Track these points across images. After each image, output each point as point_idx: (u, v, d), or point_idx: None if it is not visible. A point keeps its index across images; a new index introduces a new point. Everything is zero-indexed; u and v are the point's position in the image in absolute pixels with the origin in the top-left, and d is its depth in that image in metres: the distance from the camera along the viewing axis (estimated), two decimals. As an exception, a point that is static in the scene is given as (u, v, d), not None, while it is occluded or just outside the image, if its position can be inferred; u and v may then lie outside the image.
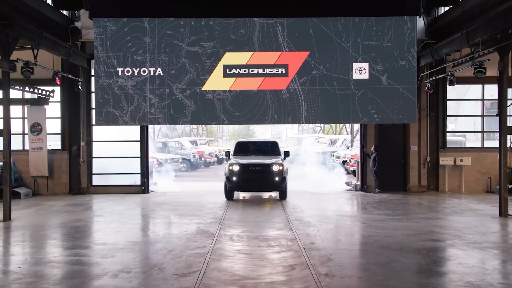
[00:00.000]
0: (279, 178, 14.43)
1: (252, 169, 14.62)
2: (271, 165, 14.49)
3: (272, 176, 14.39)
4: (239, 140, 18.88)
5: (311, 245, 8.87)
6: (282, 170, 14.48)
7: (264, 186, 14.93)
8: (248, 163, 14.79)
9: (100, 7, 13.92)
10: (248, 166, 14.63)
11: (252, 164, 14.79)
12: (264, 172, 14.52)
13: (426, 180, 17.29)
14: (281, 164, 14.64)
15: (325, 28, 14.25)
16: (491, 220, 11.57)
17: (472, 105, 18.69)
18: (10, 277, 7.09)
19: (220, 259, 8.02)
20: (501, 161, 12.17)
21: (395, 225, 10.85)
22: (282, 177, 14.49)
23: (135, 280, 6.86)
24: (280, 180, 14.47)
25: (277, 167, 14.46)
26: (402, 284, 6.60)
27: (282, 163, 14.80)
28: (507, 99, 12.15)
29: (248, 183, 14.72)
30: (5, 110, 11.82)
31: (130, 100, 14.29)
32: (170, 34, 14.26)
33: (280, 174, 14.44)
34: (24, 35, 12.10)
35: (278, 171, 14.44)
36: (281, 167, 14.50)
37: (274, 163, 14.59)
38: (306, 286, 6.50)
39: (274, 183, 14.48)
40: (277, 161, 14.85)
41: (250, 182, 14.71)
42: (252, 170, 14.62)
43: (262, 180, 14.57)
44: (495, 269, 7.51)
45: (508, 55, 11.95)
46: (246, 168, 14.56)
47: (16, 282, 6.78)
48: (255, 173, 14.62)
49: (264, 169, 14.55)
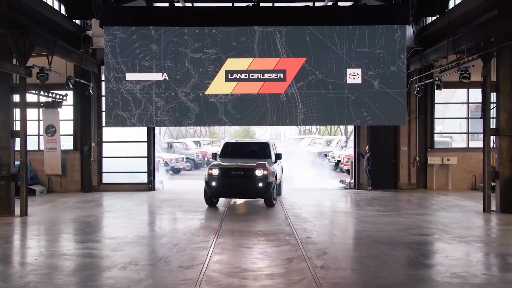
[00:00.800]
0: (263, 184, 12.24)
1: (232, 173, 12.55)
2: (253, 169, 12.32)
3: (255, 182, 12.22)
4: (227, 141, 16.30)
5: (308, 240, 8.88)
6: (266, 175, 12.28)
7: (245, 192, 12.70)
8: (229, 167, 12.77)
9: (110, 16, 13.93)
10: (228, 170, 12.59)
11: (233, 168, 12.76)
12: (246, 176, 12.38)
13: (415, 178, 17.30)
14: (266, 168, 12.39)
15: (320, 36, 14.25)
16: (476, 216, 11.59)
17: (458, 108, 18.70)
18: (27, 269, 7.14)
19: (222, 253, 8.03)
20: (485, 161, 12.19)
21: (387, 221, 10.85)
22: (267, 183, 12.29)
23: (142, 272, 6.88)
24: (264, 186, 12.27)
25: (261, 171, 12.28)
26: (393, 275, 6.62)
27: (267, 167, 12.55)
28: (490, 103, 12.17)
29: (228, 189, 12.51)
30: (21, 113, 11.84)
31: (137, 103, 14.29)
32: (175, 41, 14.26)
33: (264, 179, 12.24)
34: (40, 42, 12.11)
35: (262, 176, 12.25)
36: (265, 172, 12.29)
37: (258, 166, 12.42)
38: (303, 277, 6.50)
39: (258, 189, 12.30)
40: (263, 164, 12.65)
41: (231, 188, 12.50)
42: (233, 174, 12.55)
43: (244, 186, 12.40)
44: (479, 261, 7.54)
45: (491, 62, 11.99)
46: (226, 172, 12.49)
47: (32, 273, 6.82)
48: (236, 178, 12.50)
49: (246, 174, 12.42)
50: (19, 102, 11.87)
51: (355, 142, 17.82)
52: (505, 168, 11.94)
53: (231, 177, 12.43)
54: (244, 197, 13.35)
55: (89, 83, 15.77)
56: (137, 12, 14.95)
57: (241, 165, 12.80)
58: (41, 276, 6.67)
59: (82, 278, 6.64)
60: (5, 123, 11.68)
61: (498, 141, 12.08)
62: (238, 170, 12.60)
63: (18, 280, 6.54)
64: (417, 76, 16.19)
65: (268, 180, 12.32)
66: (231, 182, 12.38)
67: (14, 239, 9.41)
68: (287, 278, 6.52)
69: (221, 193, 12.67)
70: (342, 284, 6.25)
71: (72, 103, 16.75)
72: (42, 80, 12.36)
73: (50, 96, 15.26)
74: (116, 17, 14.20)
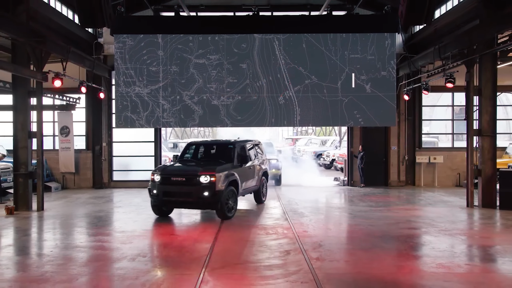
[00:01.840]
0: (209, 193, 9.66)
1: (174, 180, 10.07)
2: (197, 176, 9.79)
3: (199, 190, 9.70)
4: (190, 141, 13.22)
5: (304, 233, 8.88)
6: (214, 182, 9.71)
7: (188, 202, 10.13)
8: (171, 172, 10.34)
9: (120, 25, 13.93)
10: (170, 176, 10.13)
11: (175, 174, 10.27)
12: (189, 184, 9.90)
13: (404, 176, 17.31)
14: (214, 175, 9.76)
15: (316, 43, 14.26)
16: (460, 210, 11.60)
17: (444, 111, 18.72)
18: (43, 259, 7.17)
19: (224, 245, 8.01)
20: (468, 159, 12.22)
21: (378, 215, 10.86)
22: (214, 192, 9.70)
23: (150, 263, 6.93)
24: (210, 196, 9.69)
25: (207, 178, 9.70)
26: (384, 266, 6.63)
27: (216, 173, 9.84)
28: (473, 106, 12.19)
29: (168, 198, 10.11)
30: (38, 115, 11.84)
31: (145, 106, 14.30)
32: (181, 48, 14.27)
33: (210, 187, 9.67)
34: (55, 49, 12.10)
35: (208, 183, 9.68)
36: (212, 179, 9.70)
37: (204, 172, 9.81)
38: (299, 268, 6.50)
39: (203, 199, 9.73)
40: (211, 169, 9.91)
41: (171, 197, 10.07)
42: (175, 181, 10.07)
43: (186, 195, 9.93)
44: (462, 252, 7.57)
45: (474, 68, 11.99)
46: (167, 178, 10.09)
47: (48, 263, 6.84)
48: (178, 185, 10.02)
49: (189, 181, 9.92)
50: (36, 105, 11.87)
51: (349, 142, 17.83)
52: (487, 166, 11.96)
53: (172, 185, 9.99)
54: (188, 207, 10.62)
55: (100, 87, 15.78)
56: (145, 21, 14.97)
57: (184, 170, 10.42)
58: (57, 266, 6.70)
59: (94, 268, 6.67)
60: (23, 124, 11.69)
61: (480, 141, 12.09)
62: (180, 176, 10.07)
63: (36, 270, 6.59)
64: (406, 80, 16.22)
65: (217, 188, 9.71)
66: (172, 191, 9.97)
67: (32, 232, 9.46)
68: (285, 269, 6.51)
69: (161, 202, 10.29)
70: (336, 274, 6.25)
71: (85, 106, 16.75)
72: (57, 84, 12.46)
73: (64, 99, 15.34)
74: (125, 26, 14.21)
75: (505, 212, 11.09)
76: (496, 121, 12.18)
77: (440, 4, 14.17)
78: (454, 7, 13.75)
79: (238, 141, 12.23)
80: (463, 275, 6.20)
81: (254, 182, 12.06)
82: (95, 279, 6.23)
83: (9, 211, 10.93)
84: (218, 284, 5.91)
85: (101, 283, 6.09)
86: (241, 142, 12.09)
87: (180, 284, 5.87)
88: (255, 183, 12.09)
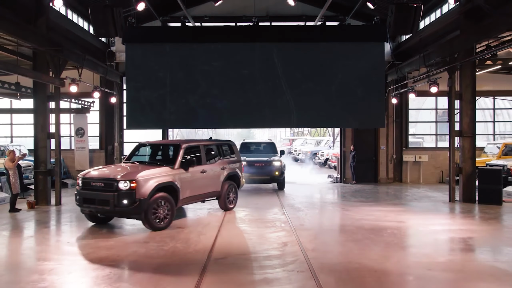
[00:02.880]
0: (128, 201, 8.06)
1: (93, 186, 8.51)
2: (117, 181, 8.12)
3: (117, 198, 8.06)
4: (140, 142, 11.02)
5: (301, 226, 8.91)
6: (133, 188, 8.07)
7: (105, 210, 8.43)
8: (91, 176, 8.66)
9: (131, 35, 13.98)
10: (89, 181, 8.58)
11: (95, 178, 8.59)
12: (106, 190, 8.29)
13: (392, 173, 17.41)
14: (133, 181, 8.09)
15: (312, 50, 14.31)
16: (443, 205, 11.70)
17: (428, 113, 18.82)
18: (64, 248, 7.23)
19: (227, 237, 8.02)
20: (451, 158, 12.33)
21: (368, 209, 10.90)
22: (134, 200, 8.07)
23: (161, 252, 6.96)
24: (129, 204, 8.07)
25: (126, 184, 8.05)
26: (373, 256, 6.67)
27: (137, 178, 8.14)
28: (455, 109, 12.28)
29: (88, 205, 8.50)
30: (56, 117, 11.94)
31: (154, 108, 14.30)
32: (186, 55, 14.28)
33: (130, 195, 8.04)
34: (72, 58, 12.19)
35: (128, 190, 8.05)
36: (133, 185, 8.07)
37: (122, 177, 8.15)
38: (296, 259, 6.54)
39: (121, 208, 8.11)
40: (131, 173, 8.30)
41: (91, 204, 8.46)
42: (94, 187, 8.50)
43: (103, 203, 8.28)
44: (444, 243, 7.63)
45: (455, 74, 12.09)
46: (87, 183, 8.59)
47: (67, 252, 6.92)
48: (96, 192, 8.44)
49: (107, 187, 8.31)
50: (54, 108, 11.96)
51: (341, 142, 17.92)
52: (467, 164, 12.06)
53: (92, 190, 8.46)
54: (107, 214, 8.76)
55: (112, 91, 15.87)
56: (153, 31, 15.02)
57: (105, 174, 8.62)
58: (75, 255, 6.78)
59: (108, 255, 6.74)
60: (43, 126, 11.79)
61: (461, 142, 12.19)
62: (99, 181, 8.45)
63: (56, 258, 6.64)
64: (394, 85, 16.32)
65: (138, 196, 8.07)
66: (90, 197, 8.43)
67: (51, 225, 9.55)
68: (282, 259, 6.54)
69: (82, 209, 8.79)
70: (330, 264, 6.29)
71: (98, 109, 16.85)
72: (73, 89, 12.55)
73: (79, 103, 15.38)
74: (136, 35, 14.26)
75: (483, 206, 11.21)
76: (475, 123, 12.30)
77: (424, 15, 14.27)
78: (438, 18, 13.87)
79: (185, 141, 10.23)
80: (445, 264, 6.27)
81: (212, 188, 10.09)
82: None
83: (30, 205, 11.06)
84: (221, 273, 5.97)
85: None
86: (188, 143, 10.07)
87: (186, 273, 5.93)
88: (212, 188, 10.10)
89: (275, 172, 14.06)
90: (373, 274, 5.77)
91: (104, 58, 15.67)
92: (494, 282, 5.53)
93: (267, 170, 14.21)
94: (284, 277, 5.72)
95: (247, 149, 16.09)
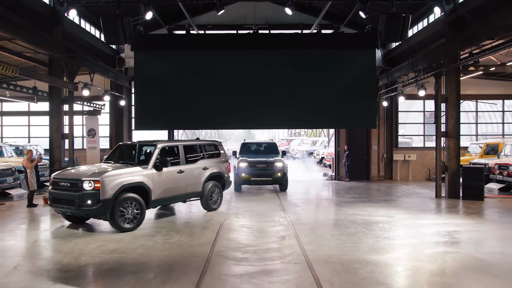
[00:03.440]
0: (92, 202, 7.57)
1: (61, 185, 8.06)
2: (81, 181, 7.64)
3: (81, 198, 7.56)
4: (120, 143, 10.69)
5: (298, 221, 8.92)
6: (98, 189, 7.57)
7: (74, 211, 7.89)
8: (61, 176, 8.26)
9: (139, 42, 14.01)
10: (58, 181, 8.14)
11: (63, 178, 8.14)
12: (73, 190, 7.81)
13: (383, 171, 17.46)
14: (97, 181, 7.57)
15: (310, 57, 14.33)
16: (430, 200, 11.74)
17: (416, 115, 18.82)
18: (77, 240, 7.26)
19: (228, 231, 8.03)
20: (437, 157, 12.37)
21: (361, 205, 10.91)
22: (98, 200, 7.57)
23: (167, 245, 7.00)
24: (93, 204, 7.58)
25: (91, 184, 7.59)
26: (365, 248, 6.70)
27: (99, 179, 7.60)
28: (441, 111, 12.33)
29: (57, 205, 8.08)
30: (69, 119, 12.01)
31: (160, 111, 14.36)
32: (191, 61, 14.34)
33: (94, 195, 7.57)
34: (84, 64, 12.24)
35: (92, 190, 7.58)
36: (97, 185, 7.56)
37: (88, 178, 7.68)
38: (293, 251, 6.56)
39: (85, 208, 7.63)
40: (96, 174, 7.78)
41: (59, 204, 8.03)
42: (62, 186, 8.05)
43: (70, 203, 7.80)
44: (431, 235, 7.62)
45: (441, 79, 12.15)
46: (56, 183, 8.16)
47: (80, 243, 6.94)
48: (64, 191, 7.96)
49: (73, 187, 7.82)
50: (67, 110, 12.02)
51: (336, 142, 17.97)
52: (452, 163, 12.12)
53: (60, 190, 8.04)
54: (74, 214, 8.15)
55: (122, 95, 15.90)
56: (160, 38, 15.03)
57: (72, 174, 8.17)
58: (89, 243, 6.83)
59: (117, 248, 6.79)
60: (58, 127, 11.85)
61: (447, 142, 12.23)
62: (66, 181, 7.99)
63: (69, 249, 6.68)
64: (385, 89, 16.35)
65: (102, 196, 7.57)
66: (59, 197, 8.03)
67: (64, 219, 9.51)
68: (280, 252, 6.56)
69: (55, 209, 8.33)
70: (325, 256, 6.30)
71: (109, 111, 16.88)
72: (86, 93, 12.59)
73: (91, 106, 15.44)
74: (143, 43, 14.28)
75: (467, 202, 11.28)
76: (460, 124, 12.37)
77: (413, 24, 14.33)
78: (425, 27, 13.92)
79: (162, 142, 9.40)
80: (431, 255, 6.30)
81: (191, 188, 9.47)
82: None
83: (46, 201, 11.00)
84: (224, 263, 6.02)
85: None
86: (165, 143, 9.34)
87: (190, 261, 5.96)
88: (191, 189, 9.49)
89: (277, 173, 12.96)
90: (365, 265, 5.80)
91: (114, 63, 15.72)
92: (476, 272, 5.59)
93: (269, 172, 13.13)
94: (282, 269, 5.74)
95: (248, 149, 14.97)
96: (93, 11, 13.93)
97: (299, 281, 5.22)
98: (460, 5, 11.07)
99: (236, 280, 5.34)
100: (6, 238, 7.62)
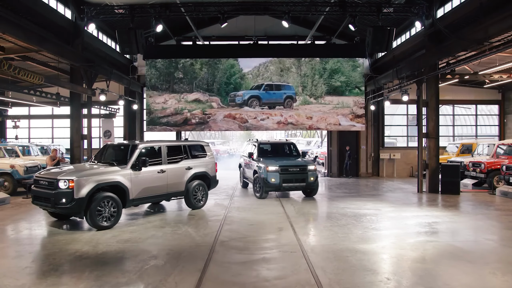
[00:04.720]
0: (66, 200, 7.12)
1: (41, 183, 7.65)
2: (57, 180, 7.22)
3: (56, 197, 7.16)
4: (107, 143, 9.48)
5: (294, 214, 8.91)
6: (72, 188, 7.09)
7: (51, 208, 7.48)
8: (41, 175, 7.77)
9: (150, 52, 14.10)
10: (38, 180, 7.71)
11: (42, 177, 7.68)
12: (50, 189, 7.36)
13: (371, 169, 17.49)
14: (72, 180, 7.11)
15: (305, 66, 14.42)
16: (412, 195, 11.76)
17: (401, 118, 18.88)
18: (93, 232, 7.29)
19: (231, 223, 8.01)
20: (419, 156, 12.40)
21: (351, 199, 10.94)
22: (72, 199, 7.10)
23: (175, 235, 7.02)
24: (67, 203, 7.12)
25: (66, 183, 7.12)
26: (354, 237, 6.73)
27: (73, 178, 7.14)
28: (422, 115, 12.36)
29: (37, 202, 7.71)
30: (88, 121, 12.03)
31: (169, 114, 14.44)
32: (196, 69, 14.42)
33: (68, 194, 7.10)
34: (101, 72, 12.28)
35: (67, 189, 7.11)
36: (71, 184, 7.10)
37: (64, 177, 7.22)
38: (290, 241, 6.57)
39: (60, 206, 7.20)
40: (71, 173, 7.31)
41: (39, 201, 7.64)
42: (41, 184, 7.63)
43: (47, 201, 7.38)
44: (413, 226, 7.65)
45: (422, 86, 12.19)
46: (37, 181, 7.75)
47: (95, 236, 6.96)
48: (43, 189, 7.54)
49: (50, 185, 7.37)
50: (86, 114, 12.03)
51: (328, 142, 18.00)
52: (432, 161, 12.15)
53: (40, 188, 7.62)
54: (52, 211, 8.00)
55: (134, 100, 15.91)
56: (169, 48, 15.15)
57: (50, 173, 7.64)
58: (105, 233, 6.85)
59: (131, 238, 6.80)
60: (77, 129, 11.87)
61: (427, 142, 12.27)
62: (45, 180, 7.56)
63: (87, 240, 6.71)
64: (372, 95, 16.39)
65: (76, 195, 7.10)
66: (39, 195, 7.60)
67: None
68: (278, 242, 6.57)
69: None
70: (318, 245, 6.33)
71: (123, 114, 16.90)
72: (102, 98, 12.60)
73: (107, 110, 15.49)
74: (154, 52, 14.37)
75: (445, 196, 11.34)
76: (439, 126, 12.40)
77: (397, 37, 14.37)
78: (407, 39, 13.96)
79: (144, 142, 8.80)
80: (413, 244, 6.33)
81: (173, 188, 8.85)
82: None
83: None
84: (226, 253, 6.02)
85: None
86: (147, 143, 8.74)
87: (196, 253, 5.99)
88: (174, 188, 8.86)
89: (310, 178, 10.68)
90: (355, 254, 5.82)
91: (128, 71, 15.76)
92: (452, 258, 5.62)
93: (302, 176, 10.72)
94: (279, 257, 5.76)
95: (266, 151, 12.13)
96: (109, 24, 13.95)
97: (295, 268, 5.25)
98: (438, 20, 11.12)
99: (238, 267, 5.36)
100: (34, 227, 7.73)
